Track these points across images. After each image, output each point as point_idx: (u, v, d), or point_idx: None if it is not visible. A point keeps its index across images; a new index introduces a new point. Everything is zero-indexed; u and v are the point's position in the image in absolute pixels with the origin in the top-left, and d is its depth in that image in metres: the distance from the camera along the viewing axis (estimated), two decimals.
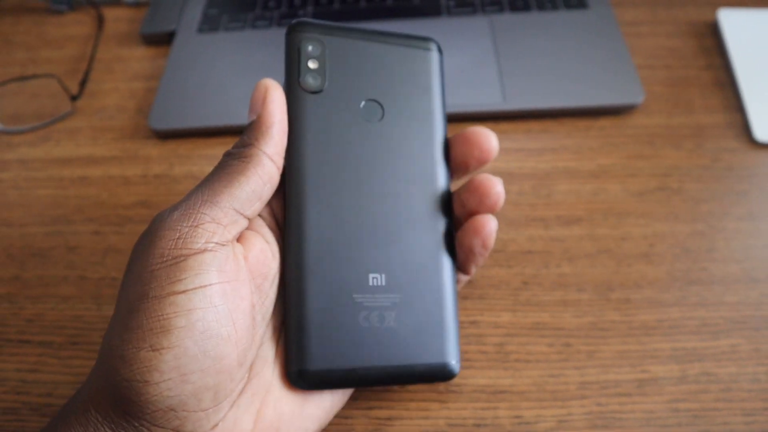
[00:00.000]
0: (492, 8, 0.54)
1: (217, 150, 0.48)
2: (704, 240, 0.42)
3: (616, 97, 0.48)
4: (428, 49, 0.34)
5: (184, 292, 0.25)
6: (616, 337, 0.38)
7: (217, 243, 0.27)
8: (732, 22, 0.52)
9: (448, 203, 0.32)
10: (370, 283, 0.30)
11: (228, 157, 0.29)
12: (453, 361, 0.31)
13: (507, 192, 0.44)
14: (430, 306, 0.31)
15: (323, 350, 0.29)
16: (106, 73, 0.55)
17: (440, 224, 0.32)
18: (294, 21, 0.32)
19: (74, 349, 0.39)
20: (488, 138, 0.32)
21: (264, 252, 0.29)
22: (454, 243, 0.32)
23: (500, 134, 0.47)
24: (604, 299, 0.39)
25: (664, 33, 0.53)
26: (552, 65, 0.50)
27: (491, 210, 0.31)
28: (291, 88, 0.31)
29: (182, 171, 0.47)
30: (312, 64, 0.31)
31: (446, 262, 0.32)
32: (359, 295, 0.30)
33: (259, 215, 0.31)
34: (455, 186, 0.32)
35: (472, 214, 0.31)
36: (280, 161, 0.29)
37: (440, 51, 0.34)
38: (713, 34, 0.53)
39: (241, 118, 0.49)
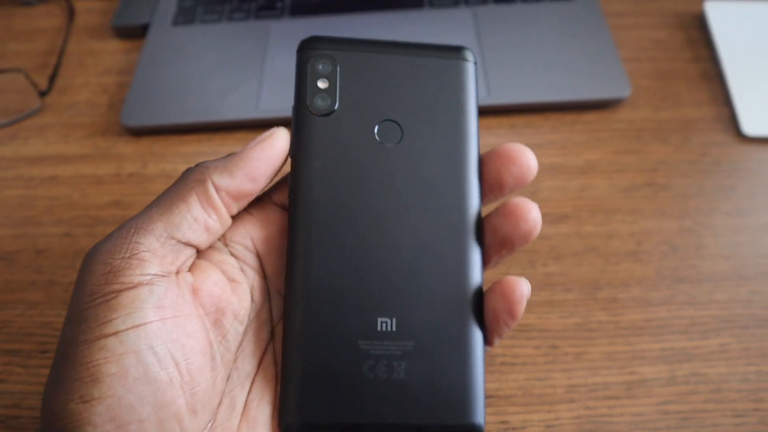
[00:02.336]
0: (476, 0, 0.53)
1: (192, 147, 0.47)
2: (692, 237, 0.41)
3: (602, 90, 0.47)
4: (461, 59, 0.29)
5: (115, 333, 0.22)
6: (604, 337, 0.37)
7: (154, 275, 0.24)
8: (719, 14, 0.51)
9: (477, 235, 0.28)
10: (379, 329, 0.26)
11: (175, 181, 0.26)
12: (481, 421, 0.26)
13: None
14: (451, 356, 0.26)
15: (320, 402, 0.26)
16: (77, 68, 0.53)
17: (467, 259, 0.27)
18: (305, 38, 0.29)
19: (43, 357, 0.37)
20: (527, 154, 0.27)
21: (219, 285, 0.26)
22: (481, 289, 0.27)
23: (484, 129, 0.46)
24: (591, 299, 0.38)
25: (650, 25, 0.52)
26: (537, 58, 0.49)
27: (526, 237, 0.27)
28: (299, 112, 0.28)
29: (156, 170, 0.46)
30: (321, 84, 0.28)
31: (473, 304, 0.27)
32: (365, 341, 0.26)
33: (233, 248, 0.28)
34: (486, 211, 0.28)
35: (504, 241, 0.27)
36: (228, 202, 0.26)
37: (475, 60, 0.29)
38: (700, 26, 0.52)
39: (217, 114, 0.47)
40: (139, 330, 0.23)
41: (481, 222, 0.28)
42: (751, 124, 0.45)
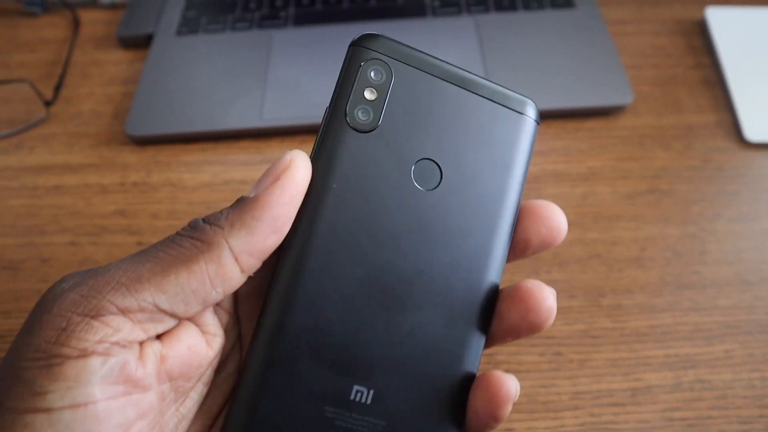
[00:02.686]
0: (477, 8, 0.53)
1: (197, 156, 0.47)
2: (696, 243, 0.41)
3: (604, 97, 0.47)
4: (522, 113, 0.25)
5: (47, 411, 0.18)
6: (608, 344, 0.37)
7: (114, 344, 0.20)
8: (720, 21, 0.51)
9: (485, 320, 0.24)
10: (352, 398, 0.23)
11: (178, 235, 0.22)
12: None
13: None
14: None
15: None
16: (82, 78, 0.53)
17: (466, 347, 0.24)
18: (365, 33, 0.25)
19: None
20: (557, 213, 0.25)
21: (192, 347, 0.22)
22: (475, 376, 0.24)
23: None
24: (595, 305, 0.38)
25: (652, 32, 0.53)
26: (539, 66, 0.49)
27: (536, 329, 0.23)
28: (334, 118, 0.24)
29: (161, 178, 0.46)
30: (369, 94, 0.24)
31: (460, 401, 0.24)
32: (333, 408, 0.22)
33: None
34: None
35: (510, 330, 0.24)
36: (250, 264, 0.22)
37: (538, 120, 0.26)
38: (701, 33, 0.52)
39: (221, 123, 0.47)
40: (78, 411, 0.19)
41: (493, 306, 0.24)
42: (753, 130, 0.45)
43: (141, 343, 0.21)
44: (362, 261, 0.23)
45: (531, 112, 0.26)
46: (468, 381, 0.24)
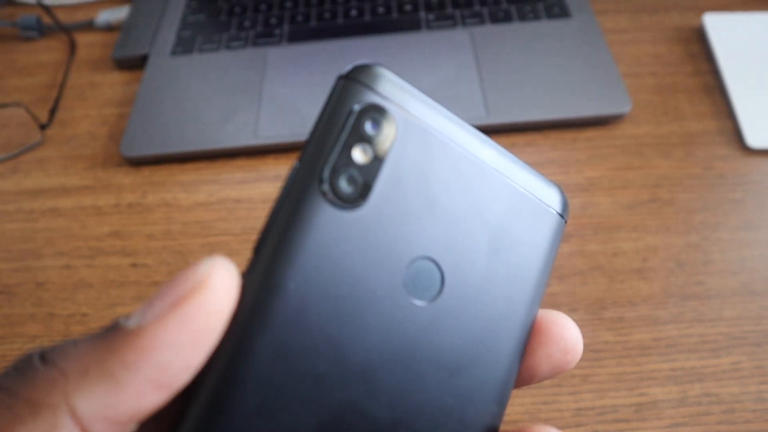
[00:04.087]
0: (472, 20, 0.53)
1: (191, 176, 0.47)
2: (699, 252, 0.40)
3: (602, 107, 0.46)
4: (549, 208, 0.19)
5: None
6: (611, 358, 0.36)
7: None
8: (718, 27, 0.51)
9: None
10: None
11: (2, 379, 0.13)
12: None
13: None
14: None
15: None
16: (78, 100, 0.53)
17: None
18: (362, 63, 0.17)
19: None
20: (572, 331, 0.19)
21: None
22: None
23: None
24: (597, 319, 0.38)
25: (649, 40, 0.52)
26: (535, 76, 0.48)
27: None
28: (305, 179, 0.16)
29: (156, 199, 0.46)
30: (359, 155, 0.17)
31: None
32: None
33: None
34: None
35: None
36: (118, 427, 0.13)
37: (565, 215, 0.20)
38: (699, 40, 0.52)
39: (216, 142, 0.47)
40: None
41: None
42: (754, 136, 0.44)
43: None
44: (317, 403, 0.16)
45: (558, 205, 0.19)
46: None
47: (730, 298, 0.38)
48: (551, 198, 0.19)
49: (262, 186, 0.45)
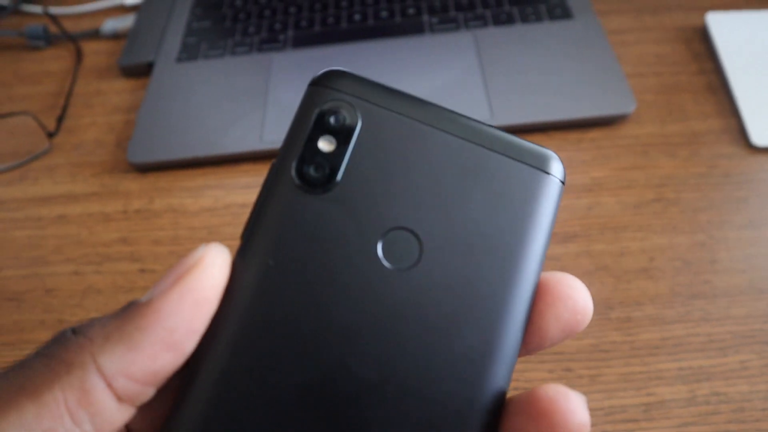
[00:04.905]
0: (475, 23, 0.53)
1: (198, 181, 0.47)
2: (705, 251, 0.40)
3: (606, 107, 0.46)
4: (541, 169, 0.19)
5: None
6: (619, 358, 0.36)
7: None
8: (721, 26, 0.51)
9: None
10: None
11: (33, 354, 0.16)
12: None
13: None
14: None
15: None
16: (85, 108, 0.54)
17: None
18: (325, 70, 0.20)
19: None
20: (580, 291, 0.19)
21: None
22: None
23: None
24: (604, 319, 0.38)
25: (652, 40, 0.52)
26: (539, 78, 0.48)
27: None
28: (279, 171, 0.19)
29: (162, 204, 0.46)
30: (325, 144, 0.19)
31: None
32: None
33: None
34: None
35: None
36: (131, 392, 0.16)
37: (563, 178, 0.20)
38: (703, 39, 0.52)
39: (222, 148, 0.47)
40: None
41: (495, 423, 0.18)
42: (760, 135, 0.44)
43: None
44: (304, 365, 0.17)
45: (554, 168, 0.19)
46: None
47: (738, 296, 0.38)
48: (545, 163, 0.19)
49: None
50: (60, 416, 0.15)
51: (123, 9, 0.63)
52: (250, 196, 0.46)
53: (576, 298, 0.18)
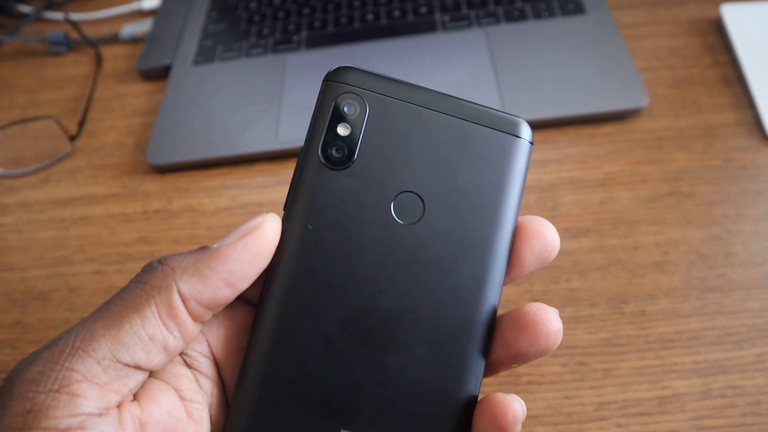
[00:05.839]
0: (487, 20, 0.53)
1: (215, 181, 0.48)
2: (720, 244, 0.40)
3: (619, 102, 0.46)
4: (514, 135, 0.24)
5: None
6: (633, 352, 0.36)
7: (89, 414, 0.18)
8: (736, 17, 0.50)
9: (481, 353, 0.23)
10: None
11: (130, 282, 0.21)
12: None
13: None
14: None
15: None
16: (105, 111, 0.55)
17: (460, 384, 0.22)
18: (336, 67, 0.25)
19: None
20: (548, 228, 0.23)
21: (173, 413, 0.21)
22: (471, 415, 0.23)
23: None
24: (618, 313, 0.38)
25: (666, 33, 0.52)
26: (552, 74, 0.48)
27: (545, 352, 0.22)
28: (308, 156, 0.24)
29: (181, 205, 0.47)
30: (342, 130, 0.23)
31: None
32: None
33: (188, 357, 0.23)
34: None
35: (518, 356, 0.23)
36: (199, 312, 0.21)
37: (532, 140, 0.24)
38: (717, 31, 0.51)
39: (238, 148, 0.48)
40: None
41: (490, 334, 0.23)
42: None
43: (118, 407, 0.20)
44: (343, 302, 0.23)
45: (523, 132, 0.24)
46: (467, 412, 0.22)
47: (754, 289, 0.38)
48: (516, 128, 0.24)
49: (283, 189, 0.46)
50: (157, 325, 0.20)
51: (141, 14, 0.64)
52: (267, 195, 0.46)
53: (546, 233, 0.23)
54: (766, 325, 0.36)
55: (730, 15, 0.50)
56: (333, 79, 0.24)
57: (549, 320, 0.22)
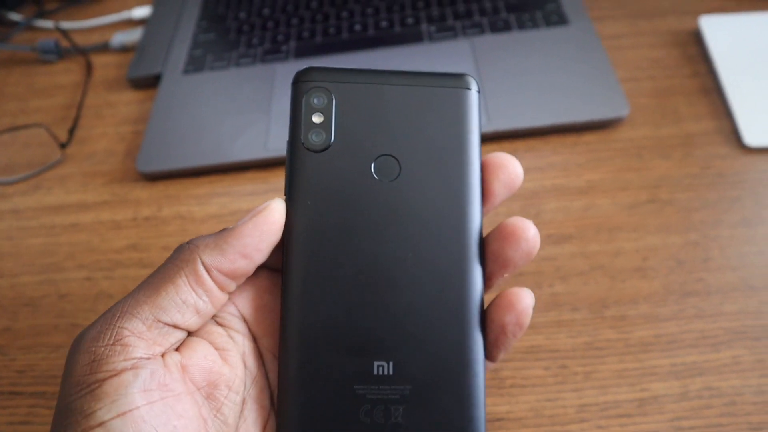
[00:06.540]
0: (473, 31, 0.55)
1: (205, 189, 0.48)
2: (698, 250, 0.41)
3: (600, 111, 0.47)
4: (463, 87, 0.28)
5: (100, 425, 0.22)
6: (613, 355, 0.37)
7: (140, 358, 0.23)
8: (714, 29, 0.52)
9: (479, 267, 0.27)
10: (375, 372, 0.26)
11: (166, 260, 0.26)
12: None
13: (494, 213, 0.44)
14: (450, 398, 0.26)
15: None
16: (95, 119, 0.55)
17: (467, 296, 0.26)
18: (300, 69, 0.28)
19: None
20: (512, 160, 0.27)
21: (209, 357, 0.26)
22: (482, 319, 0.27)
23: (486, 155, 0.47)
24: (599, 317, 0.39)
25: (647, 44, 0.53)
26: (535, 83, 0.50)
27: (528, 257, 0.26)
28: (294, 148, 0.27)
29: (171, 212, 0.47)
30: (316, 119, 0.27)
31: (473, 343, 0.26)
32: (361, 386, 0.26)
33: (218, 317, 0.27)
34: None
35: (506, 264, 0.27)
36: (222, 281, 0.25)
37: (477, 88, 0.28)
38: (696, 42, 0.53)
39: (228, 156, 0.49)
40: (126, 417, 0.22)
41: (482, 251, 0.27)
42: (752, 135, 0.45)
43: (162, 355, 0.24)
44: (353, 256, 0.26)
45: (469, 84, 0.28)
46: (479, 323, 0.26)
47: (730, 293, 0.39)
48: (461, 82, 0.28)
49: (273, 196, 0.46)
50: (188, 291, 0.25)
51: (131, 23, 0.65)
52: (256, 202, 0.47)
53: (508, 164, 0.27)
54: (741, 327, 0.37)
55: (708, 27, 0.52)
56: (300, 80, 0.28)
57: (526, 227, 0.26)
